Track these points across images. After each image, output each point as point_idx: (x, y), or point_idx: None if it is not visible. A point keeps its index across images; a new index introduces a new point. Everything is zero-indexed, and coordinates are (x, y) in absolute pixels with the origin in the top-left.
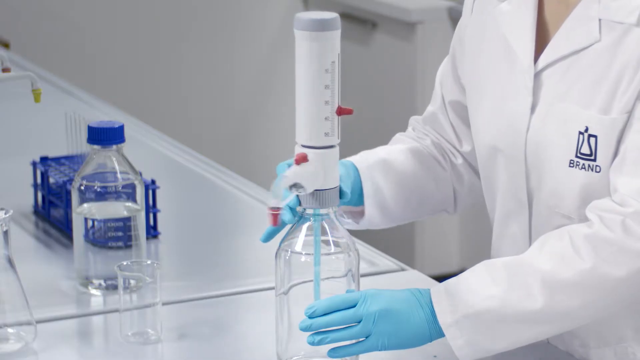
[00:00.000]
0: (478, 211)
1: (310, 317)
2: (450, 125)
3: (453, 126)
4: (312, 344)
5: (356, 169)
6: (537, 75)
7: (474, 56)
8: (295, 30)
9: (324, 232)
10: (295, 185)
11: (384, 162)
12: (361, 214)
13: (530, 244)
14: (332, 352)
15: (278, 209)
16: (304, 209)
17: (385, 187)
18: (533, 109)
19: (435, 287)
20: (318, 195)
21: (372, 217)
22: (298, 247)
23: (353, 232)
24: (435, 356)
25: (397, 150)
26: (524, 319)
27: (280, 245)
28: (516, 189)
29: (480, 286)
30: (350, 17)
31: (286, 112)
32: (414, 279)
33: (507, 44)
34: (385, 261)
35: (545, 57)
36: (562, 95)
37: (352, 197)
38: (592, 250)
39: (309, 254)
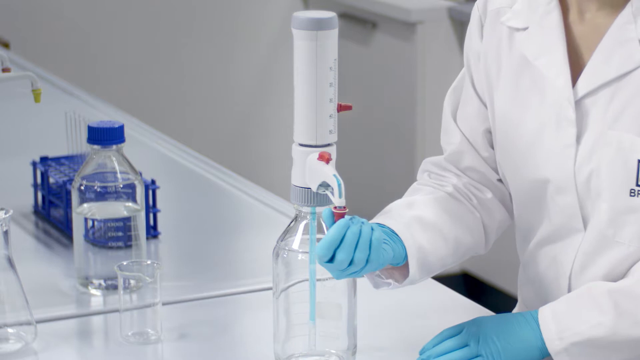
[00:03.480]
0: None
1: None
2: (480, 158)
3: (486, 158)
4: None
5: (393, 232)
6: (577, 103)
7: (497, 89)
8: (297, 30)
9: (320, 231)
10: (322, 185)
11: (419, 219)
12: (401, 274)
13: (572, 268)
14: None
15: (343, 208)
16: (300, 208)
17: (426, 245)
18: (579, 139)
19: (542, 312)
20: (315, 193)
21: (415, 277)
22: (295, 245)
23: None
24: None
25: (423, 203)
26: (630, 345)
27: (277, 244)
28: (569, 217)
29: (588, 314)
30: (350, 17)
31: (286, 112)
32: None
33: (535, 73)
34: None
35: (585, 84)
36: (611, 123)
37: (394, 259)
38: None
39: (305, 253)
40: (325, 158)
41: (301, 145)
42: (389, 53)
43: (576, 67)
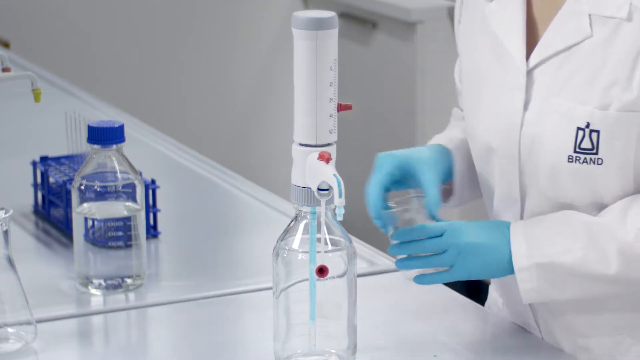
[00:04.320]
0: (477, 211)
1: (394, 239)
2: None
3: None
4: (402, 267)
5: (446, 149)
6: (529, 72)
7: (466, 56)
8: (297, 30)
9: (320, 231)
10: (322, 185)
11: (465, 142)
12: (447, 192)
13: None
14: (420, 278)
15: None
16: (301, 208)
17: (470, 165)
18: (526, 106)
19: (515, 227)
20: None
21: (463, 195)
22: (295, 245)
23: (353, 231)
24: (435, 355)
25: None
26: (595, 279)
27: (277, 244)
28: (508, 185)
29: (559, 238)
30: (350, 17)
31: (286, 112)
32: None
33: (498, 43)
34: (385, 261)
35: (537, 54)
36: (556, 92)
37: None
38: None
39: (305, 252)
40: (325, 158)
41: (301, 145)
42: (388, 53)
43: (533, 38)
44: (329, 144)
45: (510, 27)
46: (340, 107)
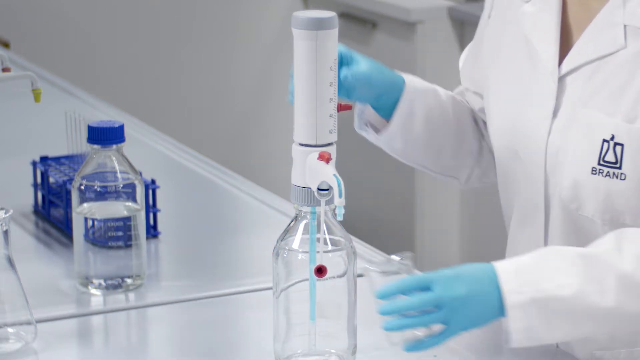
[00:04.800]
0: (479, 212)
1: (380, 298)
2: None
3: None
4: (390, 329)
5: (403, 83)
6: (561, 79)
7: (493, 56)
8: (297, 30)
9: (320, 231)
10: (322, 186)
11: (434, 91)
12: (383, 127)
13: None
14: (413, 345)
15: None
16: (301, 208)
17: (420, 112)
18: (555, 113)
19: (502, 265)
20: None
21: (395, 135)
22: (295, 245)
23: (353, 231)
24: (435, 355)
25: (444, 90)
26: (591, 314)
27: (277, 244)
28: (533, 193)
29: (554, 273)
30: (350, 17)
31: (286, 112)
32: None
33: (529, 46)
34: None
35: (569, 62)
36: (586, 101)
37: (385, 107)
38: None
39: (305, 252)
40: (325, 158)
41: (301, 145)
42: (388, 53)
43: (566, 44)
44: (329, 144)
45: (544, 32)
46: (340, 107)
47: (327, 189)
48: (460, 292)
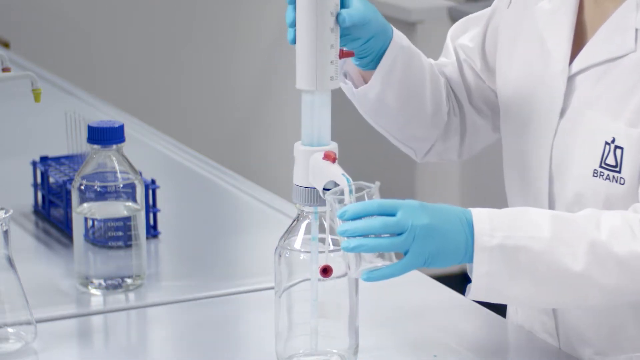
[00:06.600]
0: None
1: (341, 218)
2: (462, 84)
3: (468, 87)
4: (347, 249)
5: (392, 32)
6: (571, 78)
7: (508, 50)
8: None
9: (322, 231)
10: (328, 186)
11: (418, 55)
12: (363, 80)
13: None
14: (370, 274)
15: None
16: (303, 208)
17: (401, 70)
18: (562, 113)
19: (477, 210)
20: (317, 193)
21: (373, 88)
22: (297, 245)
23: None
24: (435, 355)
25: (425, 57)
26: (556, 275)
27: (279, 244)
28: (538, 193)
29: (528, 225)
30: None
31: (286, 112)
32: (414, 278)
33: (542, 43)
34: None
35: (579, 62)
36: (592, 103)
37: (370, 53)
38: None
39: (307, 252)
40: (331, 157)
41: (305, 91)
42: None
43: (579, 43)
44: (328, 145)
45: (558, 30)
46: (343, 54)
47: (330, 190)
48: (424, 221)
